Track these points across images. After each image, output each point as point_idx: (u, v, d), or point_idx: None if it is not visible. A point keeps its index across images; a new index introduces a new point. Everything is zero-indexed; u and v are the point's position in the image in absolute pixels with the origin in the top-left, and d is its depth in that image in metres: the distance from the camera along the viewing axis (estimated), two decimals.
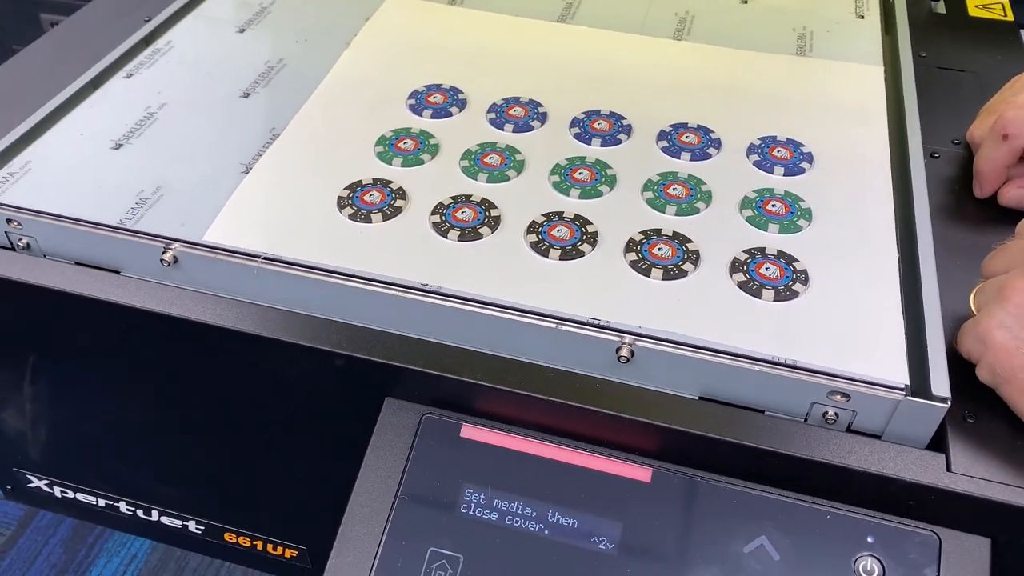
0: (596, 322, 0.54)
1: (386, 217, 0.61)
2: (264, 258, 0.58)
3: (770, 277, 0.57)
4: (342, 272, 0.57)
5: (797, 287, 0.57)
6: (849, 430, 0.53)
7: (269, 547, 0.72)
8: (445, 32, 0.82)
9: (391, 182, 0.64)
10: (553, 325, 0.54)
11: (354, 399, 0.57)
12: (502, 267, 0.58)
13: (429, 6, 0.85)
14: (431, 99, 0.73)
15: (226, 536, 0.75)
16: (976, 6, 0.92)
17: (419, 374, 0.55)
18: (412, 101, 0.72)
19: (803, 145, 0.68)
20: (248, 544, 0.73)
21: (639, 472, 0.53)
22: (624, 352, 0.53)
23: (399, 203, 0.62)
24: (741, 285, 0.57)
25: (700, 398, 0.54)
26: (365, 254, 0.58)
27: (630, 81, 0.76)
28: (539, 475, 0.54)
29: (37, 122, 0.69)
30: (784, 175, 0.66)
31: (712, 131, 0.70)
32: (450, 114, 0.71)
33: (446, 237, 0.60)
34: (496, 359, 0.55)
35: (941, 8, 0.92)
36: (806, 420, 0.54)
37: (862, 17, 0.85)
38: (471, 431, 0.55)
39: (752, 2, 0.88)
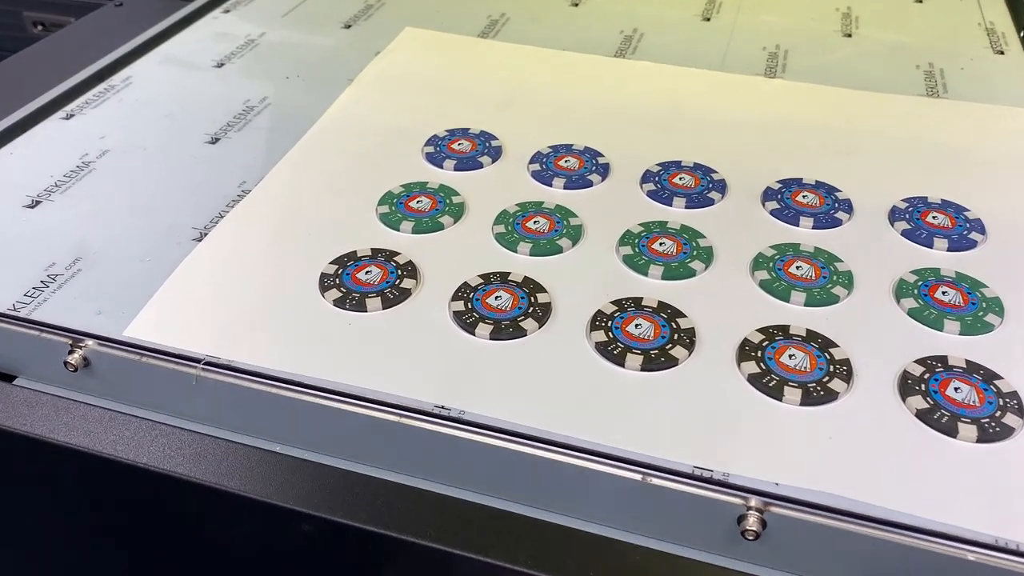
0: (706, 474, 0.35)
1: (387, 303, 0.43)
2: (206, 363, 0.39)
3: (964, 403, 0.38)
4: (318, 387, 0.38)
5: (1009, 419, 0.37)
6: None
7: None
8: (474, 68, 0.65)
9: (397, 254, 0.46)
10: (638, 477, 0.35)
11: None
12: (556, 380, 0.39)
13: (454, 39, 0.69)
14: (455, 146, 0.55)
15: None
16: None
17: (428, 551, 0.35)
18: (430, 148, 0.55)
19: (967, 209, 0.50)
20: None
21: None
22: (751, 524, 0.34)
23: (406, 283, 0.44)
24: (922, 416, 0.37)
25: None
26: (354, 359, 0.40)
27: (717, 126, 0.58)
28: None
29: None
30: (949, 250, 0.47)
31: (838, 189, 0.51)
32: (480, 165, 0.54)
33: (473, 333, 0.41)
34: (549, 529, 0.36)
35: None
36: None
37: (1001, 53, 0.67)
38: None
39: (858, 35, 0.70)
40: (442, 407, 0.38)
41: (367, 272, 0.45)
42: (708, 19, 0.73)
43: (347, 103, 0.60)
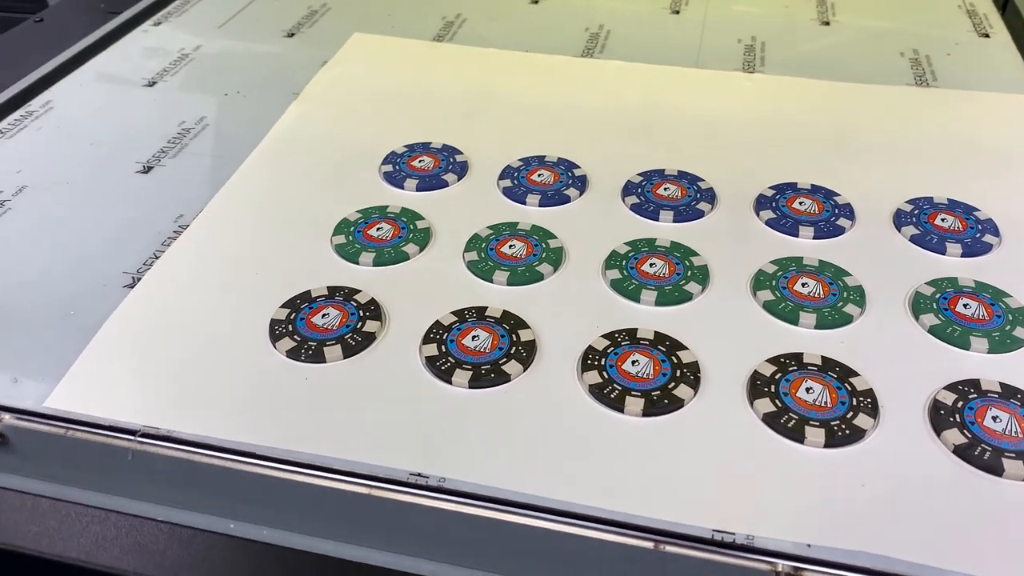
0: (727, 538, 0.30)
1: (349, 351, 0.38)
2: (143, 435, 0.34)
3: (1005, 435, 0.34)
4: (273, 457, 0.33)
5: None
6: None
7: None
8: (432, 75, 0.60)
9: (357, 292, 0.41)
10: (650, 545, 0.30)
11: None
12: (547, 433, 0.34)
13: (407, 44, 0.64)
14: (416, 163, 0.50)
15: None
16: None
17: None
18: (388, 167, 0.50)
19: (976, 209, 0.46)
20: None
21: None
22: None
23: (369, 326, 0.39)
24: (961, 452, 0.33)
25: None
26: (314, 420, 0.35)
27: (699, 128, 0.53)
28: None
29: None
30: (963, 255, 0.43)
31: (836, 193, 0.47)
32: (445, 183, 0.49)
33: (450, 382, 0.36)
34: None
35: None
36: None
37: (986, 36, 0.64)
38: None
39: (836, 22, 0.66)
40: (419, 474, 0.33)
41: (324, 315, 0.39)
42: (677, 12, 0.69)
43: (293, 120, 0.54)
